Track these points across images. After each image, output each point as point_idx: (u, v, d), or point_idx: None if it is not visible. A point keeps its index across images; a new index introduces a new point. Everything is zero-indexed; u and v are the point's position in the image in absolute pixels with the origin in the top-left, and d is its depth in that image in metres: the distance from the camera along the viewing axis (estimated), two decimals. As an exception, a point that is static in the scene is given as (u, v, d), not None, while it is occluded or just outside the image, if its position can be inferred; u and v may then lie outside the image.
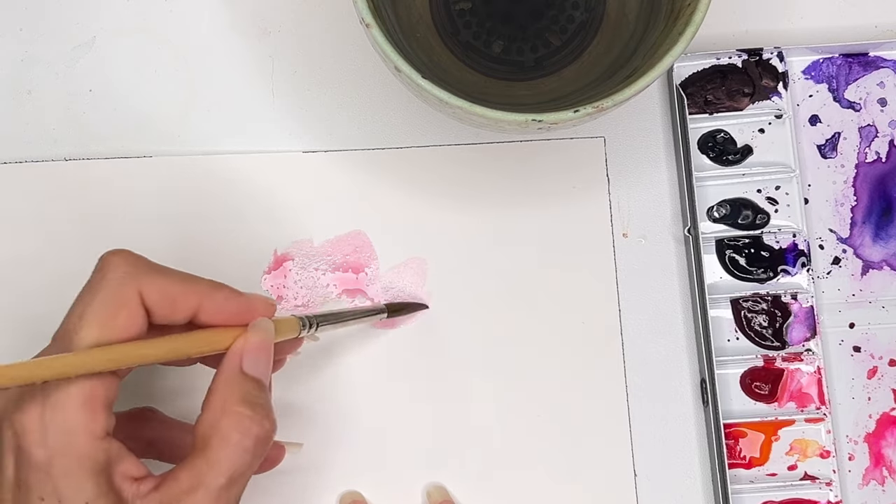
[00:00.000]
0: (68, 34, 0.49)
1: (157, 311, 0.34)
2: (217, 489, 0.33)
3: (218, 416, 0.34)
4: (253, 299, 0.36)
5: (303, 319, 0.39)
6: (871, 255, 0.47)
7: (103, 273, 0.34)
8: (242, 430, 0.33)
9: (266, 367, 0.36)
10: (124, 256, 0.35)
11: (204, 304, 0.35)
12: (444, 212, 0.47)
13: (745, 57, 0.48)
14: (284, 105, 0.49)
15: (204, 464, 0.33)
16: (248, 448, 0.34)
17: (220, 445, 0.33)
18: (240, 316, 0.36)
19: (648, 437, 0.46)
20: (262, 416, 0.34)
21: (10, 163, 0.47)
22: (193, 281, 0.35)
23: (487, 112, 0.38)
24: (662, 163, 0.48)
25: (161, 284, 0.34)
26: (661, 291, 0.47)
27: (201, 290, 0.35)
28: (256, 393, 0.35)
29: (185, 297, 0.35)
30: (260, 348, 0.35)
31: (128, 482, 0.33)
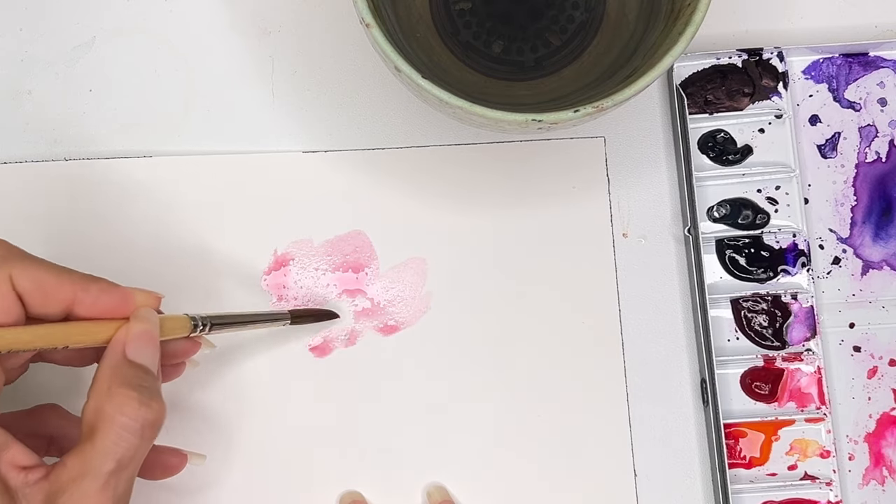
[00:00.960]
0: (68, 34, 0.49)
1: (30, 301, 0.34)
2: (105, 474, 0.32)
3: (103, 399, 0.33)
4: (131, 292, 0.36)
5: (194, 319, 0.38)
6: (871, 255, 0.47)
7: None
8: (128, 413, 0.33)
9: (152, 355, 0.35)
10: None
11: (79, 296, 0.35)
12: (444, 212, 0.47)
13: (745, 57, 0.48)
14: (284, 105, 0.49)
15: (91, 449, 0.33)
16: (135, 431, 0.33)
17: (107, 429, 0.33)
18: (118, 309, 0.35)
19: (648, 437, 0.46)
20: (149, 398, 0.34)
21: (10, 163, 0.47)
22: (67, 272, 0.35)
23: (487, 112, 0.38)
24: (662, 163, 0.48)
25: (32, 273, 0.34)
26: (661, 291, 0.47)
27: (75, 282, 0.35)
28: (142, 377, 0.34)
29: (59, 288, 0.34)
30: (143, 336, 0.35)
31: (15, 471, 0.33)
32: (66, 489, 0.32)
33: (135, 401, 0.33)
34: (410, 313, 0.47)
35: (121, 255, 0.47)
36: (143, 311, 0.36)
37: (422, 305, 0.47)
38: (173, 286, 0.46)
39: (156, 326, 0.36)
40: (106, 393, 0.33)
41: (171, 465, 0.41)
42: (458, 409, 0.46)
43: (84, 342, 0.35)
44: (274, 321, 0.43)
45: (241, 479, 0.45)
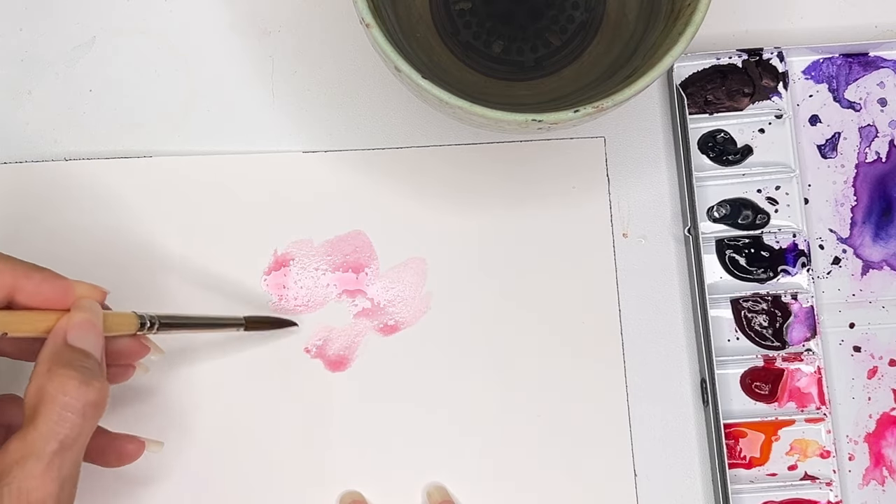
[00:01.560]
0: (68, 34, 0.49)
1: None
2: (49, 454, 0.32)
3: (43, 381, 0.33)
4: (75, 284, 0.36)
5: (142, 317, 0.38)
6: (871, 255, 0.47)
7: None
8: (70, 393, 0.33)
9: (94, 342, 0.35)
10: None
11: (20, 284, 0.35)
12: (444, 212, 0.47)
13: (745, 57, 0.48)
14: (284, 105, 0.49)
15: (33, 431, 0.32)
16: (77, 410, 0.33)
17: (48, 410, 0.33)
18: (59, 300, 0.35)
19: (648, 437, 0.46)
20: (90, 377, 0.33)
21: (10, 163, 0.47)
22: (10, 259, 0.35)
23: (487, 112, 0.38)
24: (662, 163, 0.48)
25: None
26: (661, 291, 0.47)
27: (17, 270, 0.35)
28: (83, 359, 0.34)
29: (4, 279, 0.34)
30: (85, 324, 0.35)
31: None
32: (10, 471, 0.32)
33: (75, 380, 0.33)
34: (410, 313, 0.47)
35: (120, 255, 0.47)
36: (86, 302, 0.36)
37: (422, 305, 0.47)
38: (173, 286, 0.46)
39: (98, 317, 0.36)
40: (46, 374, 0.33)
41: (127, 451, 0.40)
42: (458, 408, 0.46)
43: (24, 331, 0.35)
44: (228, 326, 0.43)
45: (241, 479, 0.45)
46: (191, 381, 0.46)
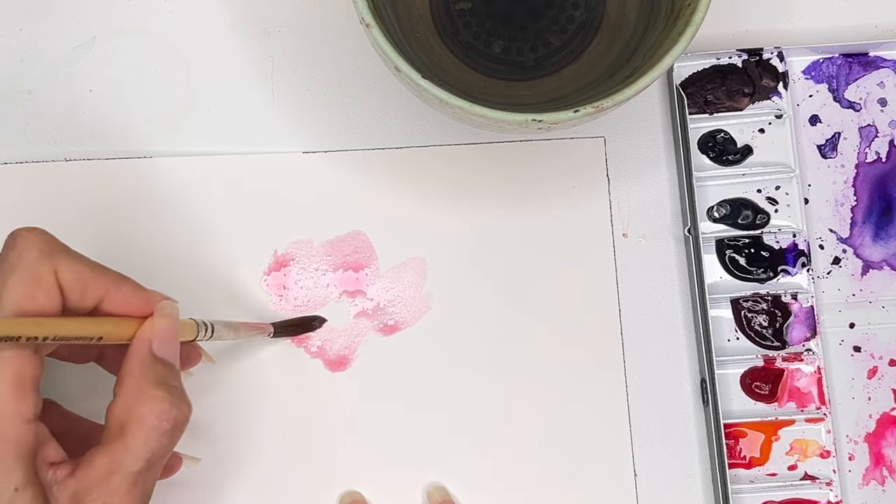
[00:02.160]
0: (68, 34, 0.49)
1: (69, 295, 0.34)
2: (134, 473, 0.33)
3: (134, 399, 0.33)
4: (155, 296, 0.36)
5: (199, 324, 0.39)
6: (871, 255, 0.47)
7: (18, 251, 0.33)
8: (161, 413, 0.33)
9: (175, 351, 0.36)
10: (39, 234, 0.34)
11: (110, 294, 0.35)
12: (444, 212, 0.47)
13: (745, 57, 0.48)
14: (284, 105, 0.49)
15: (121, 448, 0.33)
16: (166, 431, 0.33)
17: (138, 429, 0.33)
18: (141, 309, 0.36)
19: (648, 437, 0.46)
20: (179, 399, 0.34)
21: (10, 163, 0.47)
22: (103, 269, 0.35)
23: (487, 112, 0.38)
24: (662, 163, 0.48)
25: (75, 267, 0.34)
26: (661, 291, 0.47)
27: (109, 280, 0.35)
28: (171, 376, 0.34)
29: (96, 284, 0.34)
30: (168, 332, 0.35)
31: (45, 467, 0.33)
32: (95, 488, 0.32)
33: (166, 402, 0.33)
34: (410, 313, 0.47)
35: (120, 255, 0.47)
36: (167, 305, 0.36)
37: (422, 305, 0.47)
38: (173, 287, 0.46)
39: (177, 321, 0.36)
40: (136, 391, 0.33)
41: (170, 465, 0.41)
42: (458, 408, 0.46)
43: (115, 336, 0.35)
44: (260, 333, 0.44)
45: (241, 479, 0.45)
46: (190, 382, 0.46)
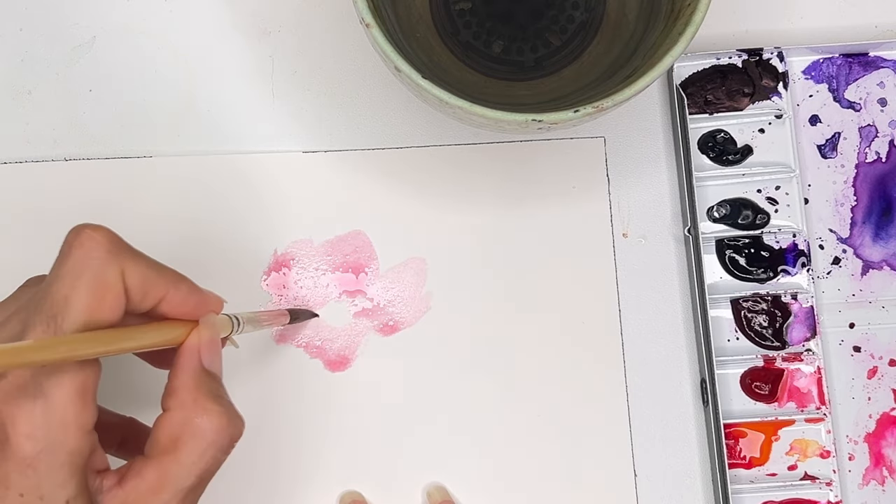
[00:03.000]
0: (68, 34, 0.49)
1: (132, 297, 0.32)
2: (185, 490, 0.32)
3: (190, 413, 0.32)
4: (209, 295, 0.36)
5: (233, 319, 0.38)
6: (871, 255, 0.47)
7: (85, 251, 0.32)
8: (219, 429, 0.32)
9: (220, 363, 0.35)
10: (105, 234, 0.32)
11: (169, 295, 0.34)
12: (444, 212, 0.47)
13: (745, 57, 0.48)
14: (284, 105, 0.49)
15: (173, 462, 0.32)
16: (222, 447, 0.33)
17: (194, 444, 0.32)
18: (197, 310, 0.35)
19: (648, 437, 0.46)
20: (234, 414, 0.33)
21: (10, 163, 0.47)
22: (164, 269, 0.34)
23: (487, 112, 0.38)
24: (662, 163, 0.48)
25: (141, 268, 0.32)
26: (661, 291, 0.47)
27: (169, 279, 0.34)
28: (221, 389, 0.34)
29: (157, 285, 0.33)
30: (214, 344, 0.35)
31: (93, 474, 0.32)
32: (144, 501, 0.31)
33: (224, 417, 0.32)
34: (410, 313, 0.47)
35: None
36: (211, 317, 0.35)
37: (422, 305, 0.47)
38: (173, 286, 0.47)
39: (219, 332, 0.35)
40: (193, 405, 0.32)
41: None
42: (457, 408, 0.46)
43: (162, 344, 0.34)
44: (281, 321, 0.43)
45: (241, 479, 0.45)
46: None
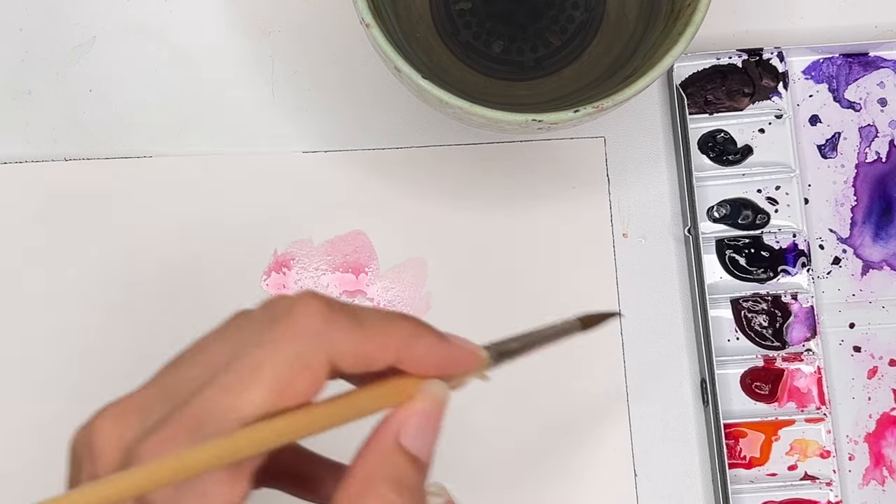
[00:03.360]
0: (68, 34, 0.49)
1: (347, 370, 0.27)
2: None
3: (358, 492, 0.27)
4: (460, 350, 0.30)
5: (492, 353, 0.32)
6: (871, 255, 0.47)
7: (292, 321, 0.26)
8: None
9: (431, 443, 0.29)
10: (320, 306, 0.27)
11: (401, 354, 0.28)
12: (444, 212, 0.47)
13: (745, 57, 0.48)
14: (284, 105, 0.49)
15: None
16: None
17: None
18: (440, 367, 0.29)
19: (648, 437, 0.46)
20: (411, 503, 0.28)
21: (10, 163, 0.47)
22: (391, 331, 0.28)
23: (487, 112, 0.38)
24: (662, 163, 0.48)
25: (357, 345, 0.27)
26: (661, 291, 0.47)
27: (399, 342, 0.28)
28: (411, 474, 0.28)
29: (381, 355, 0.28)
30: (427, 421, 0.29)
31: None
32: None
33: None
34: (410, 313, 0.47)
35: (121, 256, 0.47)
36: (434, 384, 0.29)
37: (422, 305, 0.47)
38: (173, 287, 0.46)
39: (443, 405, 0.29)
40: (363, 484, 0.27)
41: None
42: (457, 408, 0.46)
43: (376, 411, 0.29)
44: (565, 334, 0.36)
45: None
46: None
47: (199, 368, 0.26)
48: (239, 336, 0.27)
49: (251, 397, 0.25)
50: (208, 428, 0.24)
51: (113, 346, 0.46)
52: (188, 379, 0.26)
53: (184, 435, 0.24)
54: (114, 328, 0.46)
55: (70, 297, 0.46)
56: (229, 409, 0.25)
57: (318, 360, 0.26)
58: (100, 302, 0.46)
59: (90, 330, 0.46)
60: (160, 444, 0.24)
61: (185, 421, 0.25)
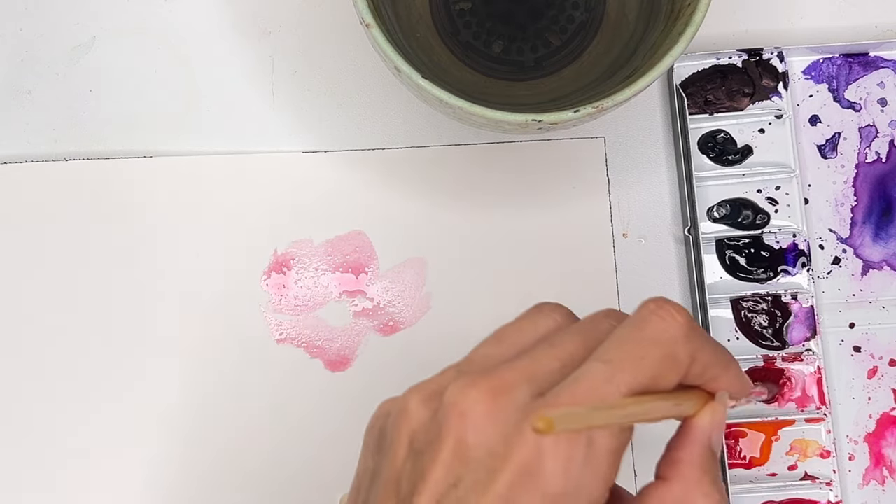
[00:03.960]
0: (68, 34, 0.49)
1: (689, 377, 0.31)
2: None
3: (692, 490, 0.31)
4: (748, 381, 0.34)
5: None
6: (871, 255, 0.47)
7: (664, 325, 0.30)
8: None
9: (721, 445, 0.34)
10: (687, 319, 0.30)
11: (719, 378, 0.32)
12: (444, 212, 0.47)
13: (745, 57, 0.48)
14: (284, 105, 0.49)
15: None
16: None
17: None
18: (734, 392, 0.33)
19: (648, 437, 0.46)
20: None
21: (10, 163, 0.47)
22: (722, 351, 0.32)
23: (487, 112, 0.38)
24: (662, 163, 0.48)
25: (708, 353, 0.31)
26: (661, 291, 0.47)
27: (723, 363, 0.32)
28: (719, 475, 0.32)
29: (715, 368, 0.31)
30: (723, 425, 0.33)
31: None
32: None
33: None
34: (410, 313, 0.47)
35: (121, 256, 0.47)
36: (724, 395, 0.32)
37: (422, 305, 0.47)
38: (173, 287, 0.46)
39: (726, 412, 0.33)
40: (696, 483, 0.31)
41: None
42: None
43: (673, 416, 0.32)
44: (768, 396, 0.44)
45: (241, 479, 0.45)
46: (190, 382, 0.46)
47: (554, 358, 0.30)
48: (595, 332, 0.31)
49: (635, 380, 0.29)
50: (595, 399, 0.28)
51: (113, 345, 0.46)
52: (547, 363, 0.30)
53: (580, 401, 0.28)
54: (114, 328, 0.46)
55: (70, 297, 0.46)
56: (620, 385, 0.28)
57: (683, 362, 0.30)
58: (100, 301, 0.46)
59: (90, 329, 0.46)
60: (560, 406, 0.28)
61: (580, 391, 0.28)
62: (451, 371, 0.31)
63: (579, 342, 0.30)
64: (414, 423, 0.30)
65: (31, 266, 0.47)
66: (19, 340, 0.46)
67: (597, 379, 0.28)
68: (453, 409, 0.29)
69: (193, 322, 0.46)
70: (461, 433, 0.28)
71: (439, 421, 0.29)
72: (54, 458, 0.45)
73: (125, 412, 0.45)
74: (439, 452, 0.28)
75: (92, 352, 0.46)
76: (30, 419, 0.45)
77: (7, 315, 0.46)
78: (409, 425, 0.30)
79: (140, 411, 0.45)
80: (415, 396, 0.31)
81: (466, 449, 0.28)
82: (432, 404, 0.30)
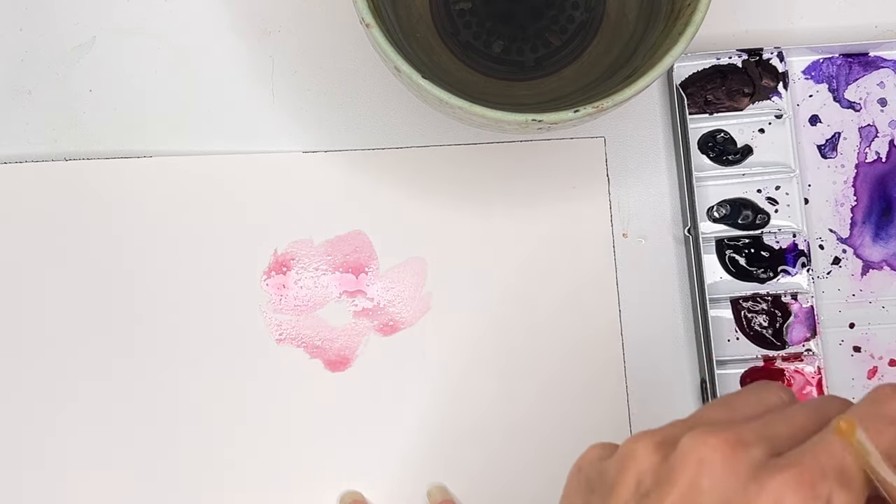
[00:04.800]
0: (68, 34, 0.49)
1: None
2: None
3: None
4: None
5: None
6: (871, 255, 0.47)
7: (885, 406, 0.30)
8: None
9: None
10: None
11: None
12: (444, 212, 0.47)
13: (745, 57, 0.48)
14: (284, 105, 0.49)
15: None
16: None
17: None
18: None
19: None
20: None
21: (10, 163, 0.47)
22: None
23: (487, 112, 0.38)
24: (662, 163, 0.48)
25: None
26: (661, 291, 0.47)
27: None
28: None
29: None
30: None
31: None
32: None
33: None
34: (410, 313, 0.47)
35: (121, 256, 0.47)
36: None
37: (422, 305, 0.47)
38: (173, 287, 0.46)
39: None
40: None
41: None
42: (458, 408, 0.46)
43: None
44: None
45: (241, 479, 0.45)
46: (190, 382, 0.46)
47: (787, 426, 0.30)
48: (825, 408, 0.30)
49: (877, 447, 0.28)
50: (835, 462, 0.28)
51: (112, 344, 0.46)
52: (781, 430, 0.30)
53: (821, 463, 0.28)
54: (113, 327, 0.46)
55: (70, 297, 0.46)
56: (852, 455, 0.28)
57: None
58: (99, 301, 0.46)
59: (89, 329, 0.46)
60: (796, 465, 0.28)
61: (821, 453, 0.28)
62: (679, 424, 0.31)
63: (811, 415, 0.30)
64: (642, 465, 0.30)
65: (30, 266, 0.47)
66: (19, 340, 0.46)
67: (837, 445, 0.28)
68: (691, 453, 0.29)
69: (193, 322, 0.46)
70: (696, 477, 0.28)
71: (671, 465, 0.29)
72: (54, 458, 0.45)
73: (125, 412, 0.45)
74: (669, 494, 0.28)
75: (91, 351, 0.46)
76: (30, 419, 0.45)
77: (7, 315, 0.46)
78: (637, 467, 0.30)
79: (140, 411, 0.46)
80: (644, 441, 0.31)
81: (699, 493, 0.28)
82: (664, 450, 0.30)
